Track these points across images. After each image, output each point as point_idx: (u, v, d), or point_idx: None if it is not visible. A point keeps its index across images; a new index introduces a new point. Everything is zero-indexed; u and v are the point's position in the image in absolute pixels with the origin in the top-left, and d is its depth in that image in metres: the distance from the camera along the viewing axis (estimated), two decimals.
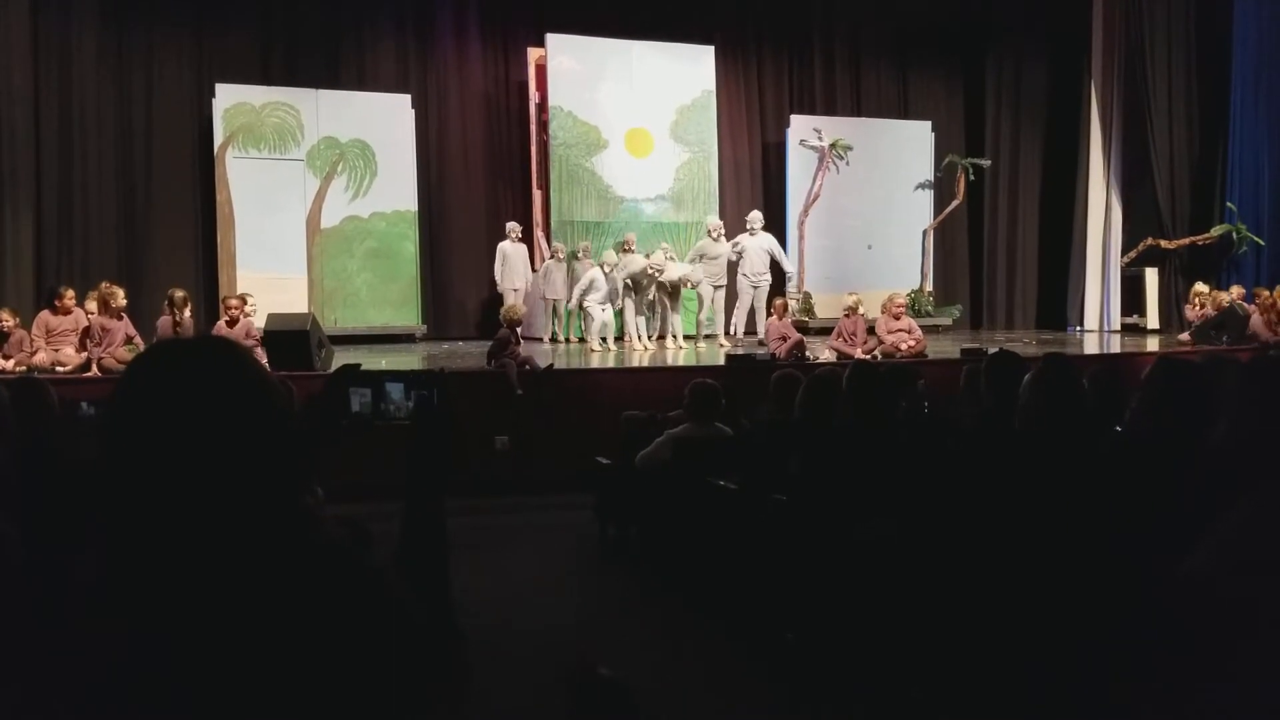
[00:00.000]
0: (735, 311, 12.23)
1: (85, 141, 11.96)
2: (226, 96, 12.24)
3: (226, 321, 9.10)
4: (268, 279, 11.94)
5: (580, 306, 11.44)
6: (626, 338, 11.45)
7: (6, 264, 11.07)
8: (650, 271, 11.40)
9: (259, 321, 9.16)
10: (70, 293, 9.11)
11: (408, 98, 13.07)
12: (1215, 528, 1.91)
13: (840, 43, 15.38)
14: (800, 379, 5.03)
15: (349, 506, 4.74)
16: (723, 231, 12.03)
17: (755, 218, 12.28)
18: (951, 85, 15.87)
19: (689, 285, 11.81)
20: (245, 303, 9.27)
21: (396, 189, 12.84)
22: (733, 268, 12.09)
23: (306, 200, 12.54)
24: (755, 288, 11.95)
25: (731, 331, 12.32)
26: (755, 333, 11.81)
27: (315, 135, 12.54)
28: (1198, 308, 12.13)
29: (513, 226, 12.54)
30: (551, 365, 9.04)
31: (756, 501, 4.39)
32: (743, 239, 12.10)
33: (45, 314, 8.96)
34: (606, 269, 11.26)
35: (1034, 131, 15.71)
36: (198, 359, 1.14)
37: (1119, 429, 3.02)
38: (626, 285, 11.38)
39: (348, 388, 1.53)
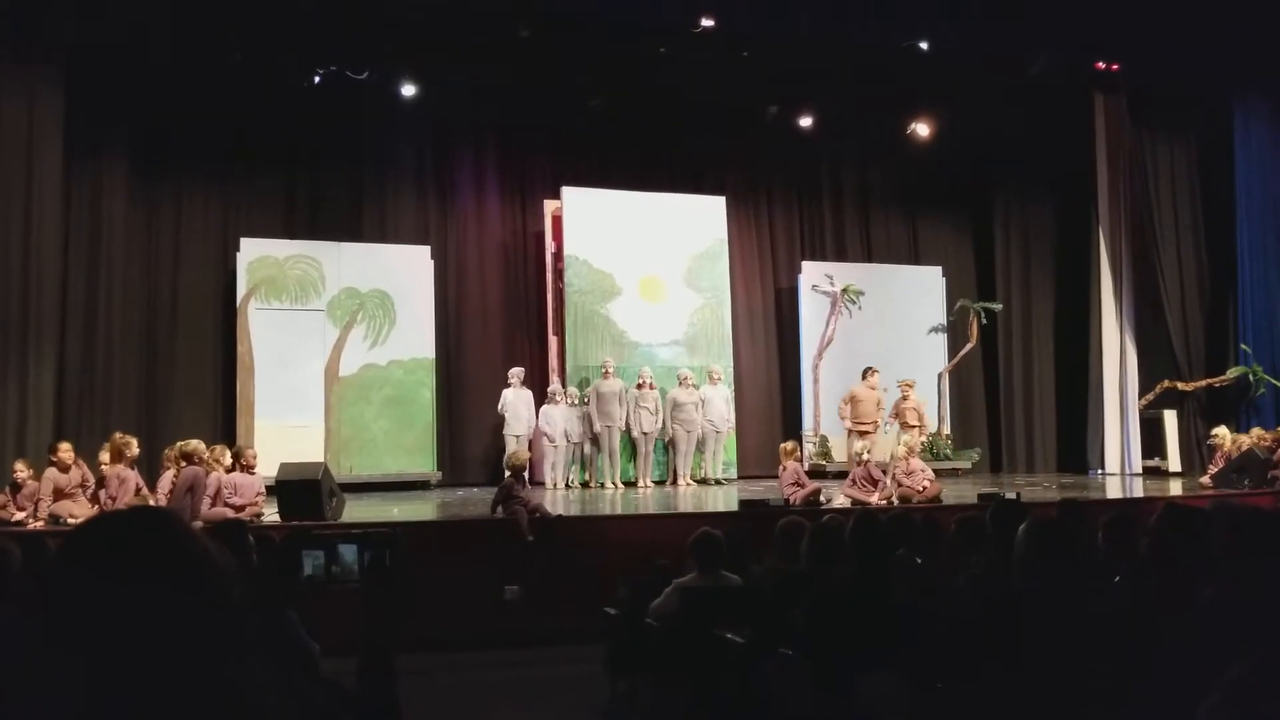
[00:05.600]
0: (707, 455, 13.24)
1: (110, 290, 12.08)
2: (251, 250, 12.57)
3: (245, 469, 9.16)
4: (285, 427, 12.04)
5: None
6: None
7: (28, 412, 11.02)
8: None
9: (272, 470, 9.18)
10: (64, 446, 9.03)
11: (427, 249, 13.39)
12: (1214, 692, 1.83)
13: (849, 190, 15.70)
14: (806, 526, 4.97)
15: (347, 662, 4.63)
16: (692, 382, 13.03)
17: (715, 371, 13.30)
18: (960, 229, 16.09)
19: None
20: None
21: (414, 337, 13.03)
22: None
23: (325, 349, 12.72)
24: (718, 432, 13.07)
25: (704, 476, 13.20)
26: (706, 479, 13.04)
27: (336, 286, 12.81)
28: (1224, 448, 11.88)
29: (515, 372, 12.68)
30: (561, 513, 8.97)
31: (763, 655, 4.27)
32: (705, 389, 13.09)
33: (51, 470, 8.87)
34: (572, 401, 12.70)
35: (1044, 274, 15.83)
36: (131, 536, 1.14)
37: (1118, 581, 2.95)
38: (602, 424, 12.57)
39: (300, 551, 1.52)
